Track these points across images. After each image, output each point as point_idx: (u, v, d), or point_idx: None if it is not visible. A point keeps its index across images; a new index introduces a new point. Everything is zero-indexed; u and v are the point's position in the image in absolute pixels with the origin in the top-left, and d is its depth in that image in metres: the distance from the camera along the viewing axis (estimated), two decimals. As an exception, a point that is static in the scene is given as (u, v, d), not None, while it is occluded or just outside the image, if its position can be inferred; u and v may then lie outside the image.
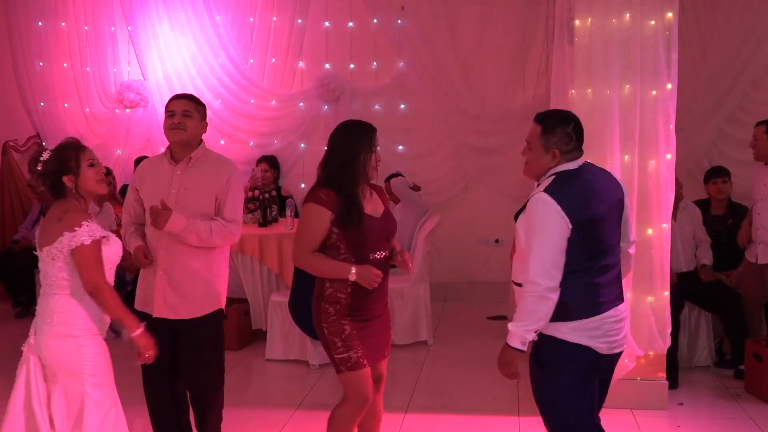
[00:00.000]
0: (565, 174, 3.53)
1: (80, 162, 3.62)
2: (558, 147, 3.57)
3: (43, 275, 3.63)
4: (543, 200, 3.42)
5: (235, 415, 5.52)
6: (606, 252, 3.52)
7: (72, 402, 3.55)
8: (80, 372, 3.53)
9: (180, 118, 4.27)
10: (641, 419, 5.36)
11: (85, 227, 3.50)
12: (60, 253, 3.52)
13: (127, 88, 9.28)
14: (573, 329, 3.47)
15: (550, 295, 3.37)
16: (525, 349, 3.45)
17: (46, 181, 3.62)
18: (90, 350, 3.57)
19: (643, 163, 5.36)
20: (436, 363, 6.78)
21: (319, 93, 9.01)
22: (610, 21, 5.29)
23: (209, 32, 9.15)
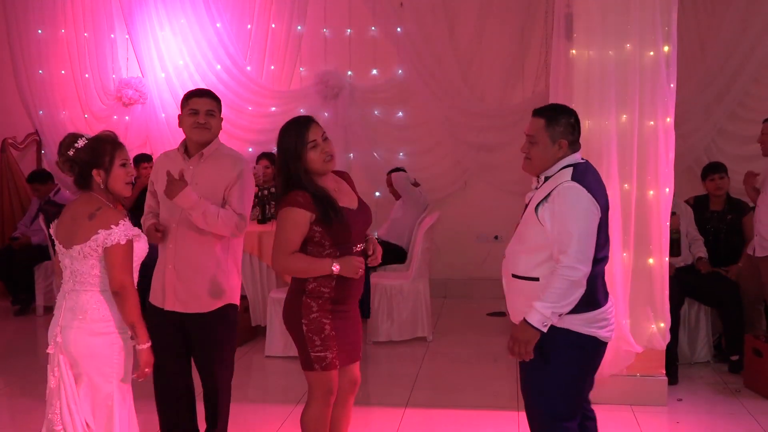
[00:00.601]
0: (580, 165, 3.57)
1: (114, 159, 3.55)
2: (564, 137, 3.59)
3: (71, 272, 3.55)
4: (576, 188, 3.45)
5: (235, 410, 5.50)
6: (607, 243, 3.61)
7: (99, 401, 3.52)
8: (110, 369, 3.51)
9: (205, 118, 4.27)
10: (640, 415, 5.36)
11: (121, 226, 3.46)
12: (94, 251, 3.46)
13: (125, 85, 9.29)
14: (585, 320, 3.51)
15: (584, 282, 3.42)
16: (545, 330, 3.44)
17: (75, 169, 3.53)
18: (119, 348, 3.55)
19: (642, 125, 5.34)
20: (435, 359, 6.78)
21: (318, 90, 9.01)
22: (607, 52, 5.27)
23: (210, 37, 9.18)
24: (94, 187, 3.55)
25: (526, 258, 3.59)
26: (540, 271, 3.50)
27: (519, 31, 8.78)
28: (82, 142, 3.53)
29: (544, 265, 3.49)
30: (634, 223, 5.36)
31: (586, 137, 5.28)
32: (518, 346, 3.50)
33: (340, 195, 3.87)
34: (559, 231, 3.43)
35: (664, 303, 5.45)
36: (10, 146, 9.48)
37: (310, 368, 3.87)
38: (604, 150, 5.29)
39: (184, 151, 4.35)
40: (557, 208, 3.45)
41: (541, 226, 3.49)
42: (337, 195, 3.84)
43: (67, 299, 3.57)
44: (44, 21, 9.53)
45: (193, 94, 4.35)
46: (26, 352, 7.02)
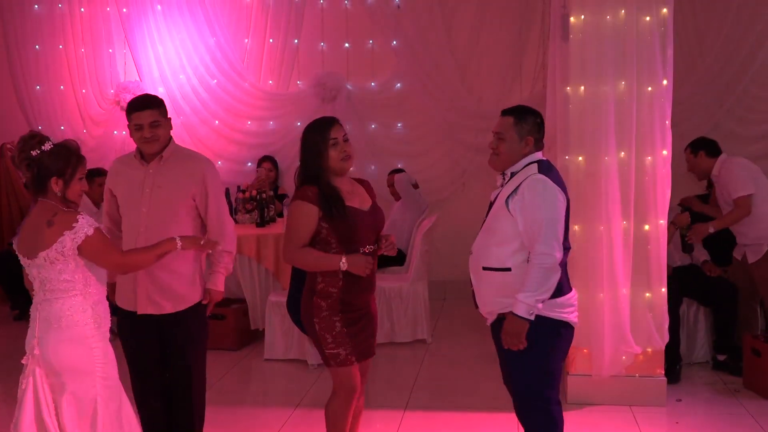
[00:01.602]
0: (544, 162, 3.82)
1: (76, 172, 3.53)
2: (531, 135, 3.83)
3: (40, 282, 3.54)
4: (543, 180, 3.70)
5: (234, 414, 5.53)
6: (567, 233, 3.83)
7: (84, 407, 3.50)
8: (92, 373, 3.50)
9: (150, 131, 4.24)
10: (640, 416, 5.36)
11: (81, 220, 3.44)
12: (60, 255, 3.43)
13: (123, 90, 9.28)
14: (560, 305, 3.75)
15: (559, 268, 3.65)
16: (532, 319, 3.65)
17: (33, 170, 3.48)
18: (99, 351, 3.54)
19: (640, 160, 5.38)
20: (434, 361, 6.78)
21: (316, 92, 9.00)
22: (605, 17, 5.32)
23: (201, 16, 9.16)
24: (48, 194, 3.51)
25: (497, 250, 3.79)
26: (512, 261, 3.73)
27: (516, 33, 8.78)
28: (48, 146, 3.48)
29: (517, 254, 3.73)
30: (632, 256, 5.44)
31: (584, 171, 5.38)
32: (511, 338, 3.72)
33: (353, 196, 3.99)
34: (530, 221, 3.66)
35: (661, 270, 5.46)
36: (8, 151, 9.47)
37: (328, 364, 4.02)
38: (603, 116, 5.33)
39: (140, 158, 4.32)
40: (527, 200, 3.68)
41: (512, 217, 3.71)
42: (348, 195, 3.95)
43: (39, 310, 3.56)
44: (42, 37, 9.53)
45: (134, 108, 4.28)
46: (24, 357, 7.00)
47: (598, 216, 5.36)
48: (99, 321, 3.55)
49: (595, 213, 5.38)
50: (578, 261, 5.39)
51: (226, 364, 6.64)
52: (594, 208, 5.38)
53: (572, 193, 5.33)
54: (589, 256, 5.41)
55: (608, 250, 5.36)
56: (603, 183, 5.35)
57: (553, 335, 3.79)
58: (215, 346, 6.88)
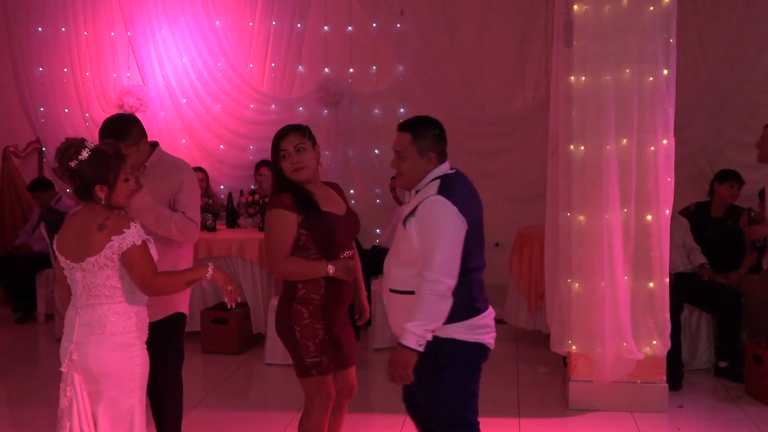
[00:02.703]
0: (449, 177, 3.64)
1: (118, 175, 3.44)
2: (432, 150, 3.66)
3: (83, 286, 3.43)
4: (440, 201, 3.49)
5: (235, 418, 5.53)
6: (482, 255, 3.71)
7: (120, 417, 3.44)
8: (131, 382, 3.44)
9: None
10: (641, 422, 5.35)
11: (133, 228, 3.37)
12: (109, 261, 3.36)
13: (126, 93, 9.29)
14: (469, 327, 3.57)
15: (450, 294, 3.45)
16: (422, 350, 3.44)
17: (76, 181, 3.40)
18: (140, 360, 3.49)
19: (642, 149, 5.39)
20: (436, 366, 6.76)
21: (319, 97, 9.03)
22: (607, 7, 5.35)
23: (209, 37, 9.19)
24: (95, 200, 3.44)
25: (399, 271, 3.62)
26: (414, 283, 3.51)
27: (519, 38, 8.79)
28: (85, 154, 3.37)
29: (418, 277, 3.48)
30: (633, 247, 5.43)
31: (586, 161, 5.39)
32: (398, 370, 3.50)
33: (327, 201, 3.93)
34: (424, 245, 3.46)
35: (664, 311, 5.46)
36: (11, 154, 9.50)
37: (306, 375, 3.88)
38: (603, 173, 5.35)
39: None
40: (422, 222, 3.49)
41: (411, 239, 3.52)
42: (323, 201, 3.90)
43: (81, 315, 3.45)
44: (44, 19, 9.52)
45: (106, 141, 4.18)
46: (27, 359, 7.02)
47: (600, 205, 5.36)
48: (141, 329, 3.50)
49: (597, 202, 5.38)
50: (580, 250, 5.43)
51: (228, 368, 6.65)
52: (596, 197, 5.39)
53: (575, 183, 5.41)
54: (591, 246, 5.42)
55: (608, 240, 5.37)
56: (604, 172, 5.35)
57: (471, 358, 3.62)
58: (217, 350, 6.92)
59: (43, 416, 5.36)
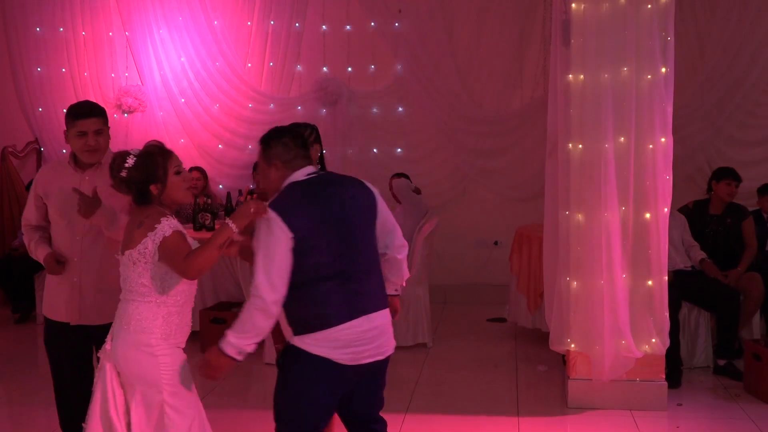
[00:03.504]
0: (292, 184, 3.54)
1: (167, 170, 3.48)
2: (278, 158, 3.57)
3: (123, 279, 3.51)
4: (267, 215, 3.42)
5: (233, 418, 5.53)
6: (343, 261, 3.46)
7: (151, 409, 3.43)
8: (157, 381, 3.42)
9: (94, 139, 4.11)
10: (640, 420, 5.36)
11: (164, 222, 3.38)
12: (142, 257, 3.40)
13: (125, 93, 9.29)
14: (315, 340, 3.43)
15: (274, 309, 3.38)
16: (241, 359, 3.40)
17: (132, 188, 3.47)
18: (167, 360, 3.45)
19: (640, 146, 5.39)
20: (435, 365, 6.78)
21: (317, 96, 9.02)
22: (604, 6, 5.35)
23: (207, 37, 9.18)
24: (153, 201, 3.49)
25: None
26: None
27: (517, 37, 8.79)
28: (131, 161, 3.45)
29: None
30: (631, 246, 5.43)
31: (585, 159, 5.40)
32: (208, 370, 3.44)
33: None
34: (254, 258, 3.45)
35: (663, 309, 5.46)
36: (10, 155, 9.49)
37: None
38: (602, 172, 5.36)
39: (75, 164, 4.20)
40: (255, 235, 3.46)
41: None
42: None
43: (119, 308, 3.55)
44: (42, 19, 9.50)
45: (80, 115, 4.12)
46: (26, 359, 7.01)
47: (599, 204, 5.37)
48: (169, 332, 3.47)
49: (595, 201, 5.39)
50: (579, 249, 5.44)
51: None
52: (594, 195, 5.40)
53: (574, 182, 5.42)
54: (590, 245, 5.43)
55: (607, 238, 5.37)
56: (603, 170, 5.35)
57: (315, 371, 3.45)
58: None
59: (42, 416, 5.36)
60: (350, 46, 9.10)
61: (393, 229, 3.72)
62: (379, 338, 3.52)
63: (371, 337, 3.48)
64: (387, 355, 3.60)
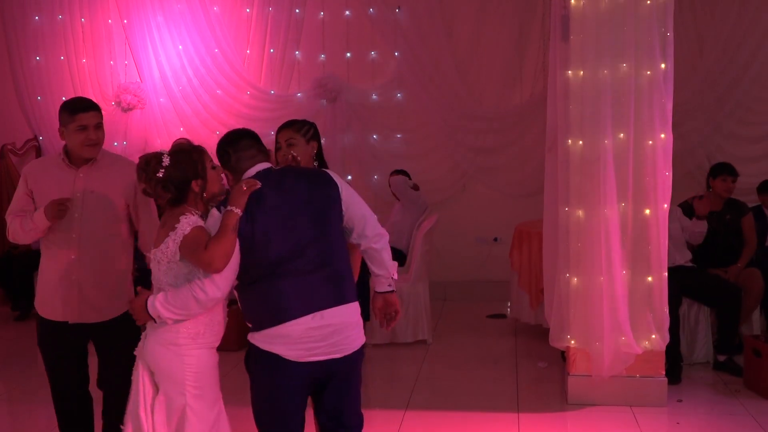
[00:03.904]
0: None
1: (205, 165, 3.45)
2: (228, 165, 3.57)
3: (153, 278, 3.49)
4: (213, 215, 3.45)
5: (234, 414, 5.50)
6: (292, 257, 3.39)
7: (172, 411, 3.41)
8: (182, 381, 3.39)
9: (95, 133, 4.09)
10: (640, 416, 5.36)
11: (183, 220, 3.35)
12: (164, 257, 3.38)
13: (124, 91, 9.29)
14: (264, 336, 3.43)
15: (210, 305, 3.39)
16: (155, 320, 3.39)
17: (171, 188, 3.40)
18: (194, 360, 3.42)
19: (639, 143, 5.39)
20: (435, 361, 6.78)
21: (317, 93, 9.02)
22: (603, 2, 5.36)
23: (204, 26, 9.18)
24: (189, 199, 3.44)
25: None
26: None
27: (517, 33, 8.79)
28: (167, 160, 3.39)
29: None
30: (630, 242, 5.43)
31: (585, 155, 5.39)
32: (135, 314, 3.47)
33: None
34: None
35: (663, 306, 5.46)
36: (9, 152, 9.49)
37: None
38: (601, 168, 5.36)
39: (69, 161, 4.14)
40: None
41: None
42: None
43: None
44: (41, 7, 9.52)
45: (79, 109, 4.11)
46: (26, 357, 7.00)
47: (598, 200, 5.37)
48: (197, 331, 3.43)
49: (595, 197, 5.39)
50: (578, 245, 5.45)
51: (228, 364, 6.59)
52: (594, 192, 5.40)
53: (573, 178, 5.42)
54: (589, 241, 5.43)
55: (606, 234, 5.37)
56: (602, 167, 5.35)
57: (266, 368, 3.44)
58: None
59: (43, 415, 5.35)
60: (349, 38, 9.09)
61: (363, 219, 3.56)
62: (333, 336, 3.40)
63: (325, 334, 3.39)
64: (345, 354, 3.44)
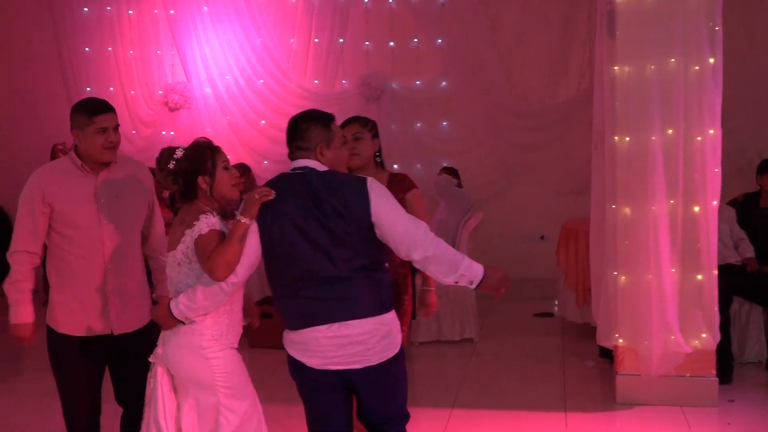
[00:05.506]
0: (280, 175, 3.48)
1: (216, 163, 3.43)
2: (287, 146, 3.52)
3: (169, 281, 3.45)
4: None
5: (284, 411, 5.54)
6: (307, 267, 3.31)
7: (205, 413, 3.37)
8: (212, 383, 3.36)
9: (115, 135, 3.91)
10: (691, 416, 5.29)
11: (203, 219, 3.32)
12: (185, 257, 3.35)
13: (171, 90, 9.40)
14: (286, 339, 3.45)
15: (226, 288, 3.31)
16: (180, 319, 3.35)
17: (179, 181, 3.41)
18: (220, 362, 3.39)
19: (688, 139, 5.32)
20: (482, 360, 6.77)
21: (361, 91, 9.04)
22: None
23: (247, 15, 9.26)
24: (199, 196, 3.43)
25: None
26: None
27: (562, 28, 8.72)
28: (180, 153, 3.42)
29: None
30: (680, 239, 5.35)
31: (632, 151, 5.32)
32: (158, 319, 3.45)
33: None
34: None
35: (713, 304, 5.38)
36: (60, 153, 9.61)
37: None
38: (650, 166, 5.29)
39: (88, 166, 3.93)
40: None
41: None
42: None
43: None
44: (92, 38, 9.70)
45: (98, 110, 3.92)
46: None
47: (646, 197, 5.32)
48: (220, 333, 3.40)
49: (642, 194, 5.34)
50: (626, 243, 5.40)
51: (274, 361, 6.67)
52: (641, 189, 5.34)
53: (620, 175, 5.38)
54: (637, 239, 5.38)
55: (655, 232, 5.31)
56: (650, 163, 5.29)
57: (292, 370, 3.49)
58: (262, 344, 6.95)
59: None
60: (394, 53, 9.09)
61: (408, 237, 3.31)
62: (351, 346, 3.32)
63: (341, 344, 3.32)
64: (366, 365, 3.35)
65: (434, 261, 3.34)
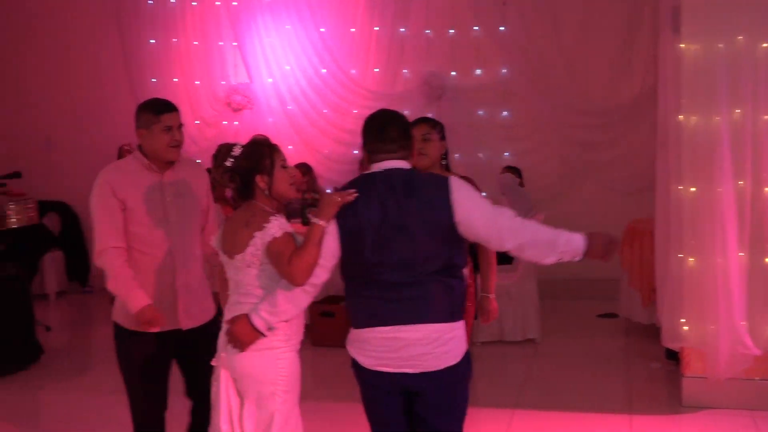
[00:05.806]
0: (362, 175, 3.38)
1: (275, 162, 3.38)
2: (366, 147, 3.39)
3: (234, 283, 3.41)
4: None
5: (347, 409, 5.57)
6: (381, 266, 3.25)
7: (262, 415, 3.37)
8: (275, 385, 3.35)
9: (180, 134, 4.00)
10: (761, 421, 5.16)
11: (273, 221, 3.28)
12: (255, 259, 3.31)
13: (234, 91, 9.52)
14: (349, 338, 3.41)
15: (309, 290, 3.30)
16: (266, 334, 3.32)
17: (236, 178, 3.38)
18: (286, 363, 3.39)
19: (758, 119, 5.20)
20: (544, 361, 6.71)
21: (422, 91, 9.04)
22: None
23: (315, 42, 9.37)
24: (257, 194, 3.40)
25: None
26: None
27: (626, 25, 8.60)
28: (238, 150, 3.38)
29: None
30: (749, 222, 5.20)
31: (693, 132, 5.20)
32: (234, 341, 3.36)
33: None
34: None
35: None
36: (126, 152, 9.81)
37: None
38: (716, 146, 5.16)
39: (154, 165, 3.99)
40: None
41: None
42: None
43: (231, 311, 3.41)
44: (156, 31, 9.88)
45: (164, 109, 4.00)
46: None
47: (713, 177, 5.21)
48: (290, 333, 3.40)
49: (709, 174, 5.23)
50: (693, 225, 5.31)
51: (336, 360, 6.70)
52: (707, 169, 5.23)
53: (686, 154, 5.26)
54: (703, 221, 5.27)
55: (720, 213, 5.19)
56: (716, 143, 5.18)
57: (352, 368, 3.45)
58: (323, 343, 7.00)
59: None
60: (454, 45, 9.07)
61: (497, 232, 3.29)
62: (406, 350, 3.26)
63: (397, 346, 3.27)
64: (421, 370, 3.27)
65: (529, 246, 3.35)
